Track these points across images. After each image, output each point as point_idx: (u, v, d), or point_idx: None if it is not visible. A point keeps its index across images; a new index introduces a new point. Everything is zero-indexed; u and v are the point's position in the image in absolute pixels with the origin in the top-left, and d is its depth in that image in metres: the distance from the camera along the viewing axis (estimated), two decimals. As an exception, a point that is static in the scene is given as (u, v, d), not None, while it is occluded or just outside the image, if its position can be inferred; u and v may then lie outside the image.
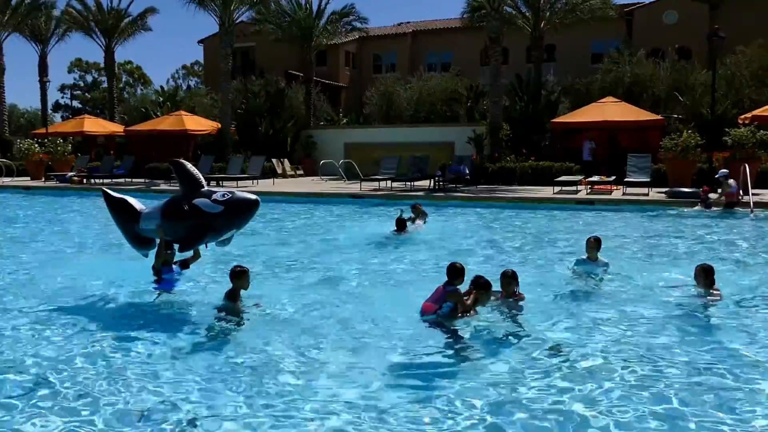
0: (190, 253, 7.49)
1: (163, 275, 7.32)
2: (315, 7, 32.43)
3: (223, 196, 7.03)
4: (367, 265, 9.47)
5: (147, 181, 25.25)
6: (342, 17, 32.88)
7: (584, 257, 8.41)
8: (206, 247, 7.53)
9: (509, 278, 6.67)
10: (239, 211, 7.01)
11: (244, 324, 6.31)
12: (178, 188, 7.96)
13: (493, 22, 24.12)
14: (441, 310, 6.11)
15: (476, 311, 6.27)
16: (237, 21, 29.05)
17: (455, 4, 62.45)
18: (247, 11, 29.95)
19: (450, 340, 5.81)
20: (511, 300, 6.61)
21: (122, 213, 7.97)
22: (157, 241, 7.56)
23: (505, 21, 25.67)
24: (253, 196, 7.16)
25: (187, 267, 7.53)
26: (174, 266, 7.46)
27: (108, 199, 8.14)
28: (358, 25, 33.66)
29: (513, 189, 20.11)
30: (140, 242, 7.96)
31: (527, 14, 27.47)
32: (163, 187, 22.55)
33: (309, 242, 11.67)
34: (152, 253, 7.89)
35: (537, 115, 24.66)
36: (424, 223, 12.61)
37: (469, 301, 6.21)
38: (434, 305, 6.16)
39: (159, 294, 7.21)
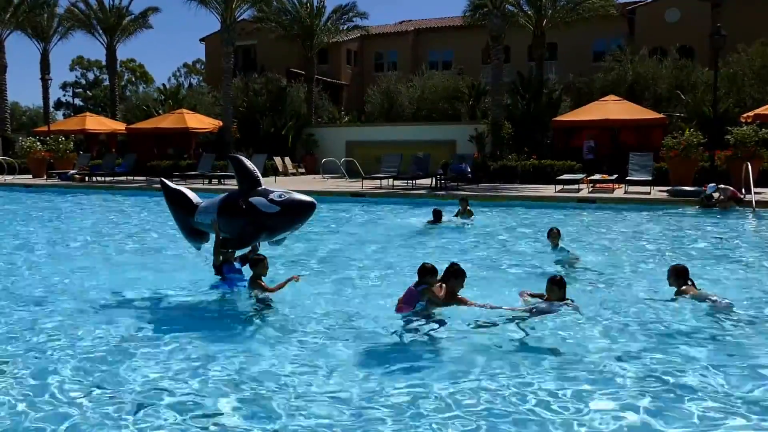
0: (247, 249, 7.52)
1: (226, 273, 7.29)
2: (316, 5, 32.45)
3: (280, 196, 6.96)
4: (370, 259, 9.51)
5: (148, 179, 25.27)
6: (342, 14, 32.89)
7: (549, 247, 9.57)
8: (258, 245, 7.52)
9: (552, 284, 6.41)
10: (294, 213, 6.94)
11: (270, 306, 6.73)
12: (178, 186, 8.04)
13: (494, 21, 24.11)
14: (414, 309, 6.12)
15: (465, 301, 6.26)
16: (238, 19, 29.05)
17: (457, 3, 62.56)
18: (249, 9, 29.95)
19: (428, 333, 5.87)
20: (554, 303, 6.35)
21: (178, 204, 7.98)
22: (212, 235, 7.57)
23: (506, 19, 25.65)
24: (309, 199, 7.02)
25: (247, 262, 7.44)
26: (235, 263, 7.43)
27: (165, 189, 8.19)
28: (359, 22, 33.71)
29: (515, 187, 20.11)
30: (194, 235, 7.97)
31: (529, 12, 27.44)
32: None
33: (313, 239, 11.69)
34: (205, 248, 8.08)
35: (539, 113, 24.65)
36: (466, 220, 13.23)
37: (442, 293, 6.17)
38: (408, 307, 6.15)
39: (223, 292, 7.26)
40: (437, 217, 12.77)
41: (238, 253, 7.56)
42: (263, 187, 7.23)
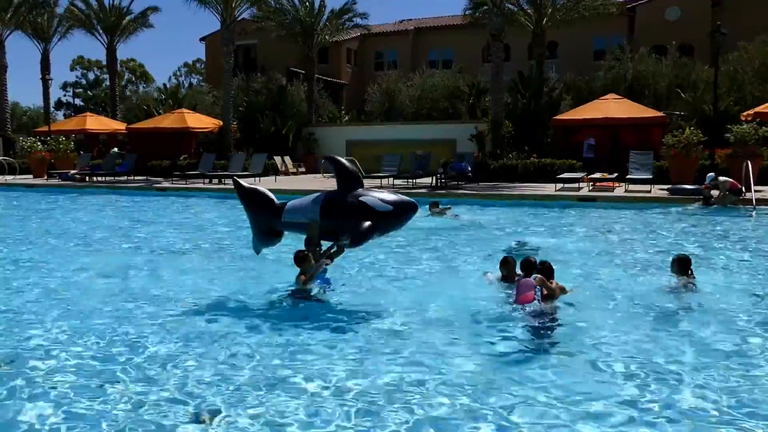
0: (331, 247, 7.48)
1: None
2: (316, 4, 32.47)
3: (386, 197, 7.02)
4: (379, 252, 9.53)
5: (147, 178, 25.29)
6: (342, 14, 32.91)
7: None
8: (344, 248, 7.36)
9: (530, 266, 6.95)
10: (404, 213, 7.03)
11: (313, 301, 6.93)
12: (180, 185, 8.03)
13: (494, 19, 24.08)
14: (536, 295, 6.38)
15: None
16: (238, 18, 29.04)
17: (457, 2, 62.41)
18: (249, 8, 29.93)
19: (548, 324, 6.11)
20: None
21: (255, 203, 7.76)
22: (283, 236, 7.63)
23: (506, 18, 25.64)
24: (412, 200, 7.13)
25: (332, 262, 7.34)
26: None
27: (239, 188, 7.94)
28: (359, 21, 33.72)
29: (515, 186, 20.11)
30: (268, 236, 7.77)
31: (529, 11, 27.42)
32: (165, 185, 22.57)
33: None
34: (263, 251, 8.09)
35: (539, 112, 24.65)
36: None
37: (553, 285, 6.54)
38: (531, 294, 6.36)
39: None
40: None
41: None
42: (364, 187, 7.17)
